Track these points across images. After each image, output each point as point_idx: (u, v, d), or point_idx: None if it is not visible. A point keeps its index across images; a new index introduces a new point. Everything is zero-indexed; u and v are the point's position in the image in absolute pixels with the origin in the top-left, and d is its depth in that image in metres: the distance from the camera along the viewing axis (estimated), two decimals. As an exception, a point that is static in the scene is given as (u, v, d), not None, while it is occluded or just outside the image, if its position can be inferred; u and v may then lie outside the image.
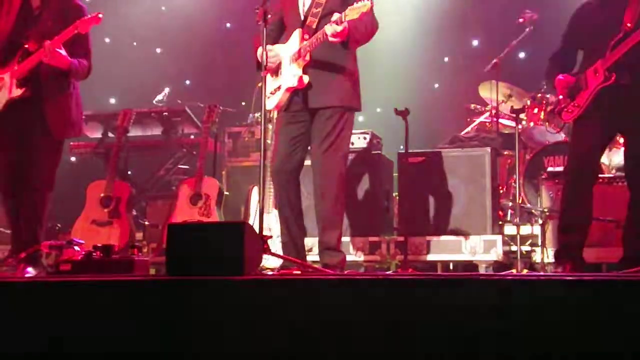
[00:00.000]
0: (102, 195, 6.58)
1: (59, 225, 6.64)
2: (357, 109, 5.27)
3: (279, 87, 5.16)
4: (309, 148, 5.26)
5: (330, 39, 4.84)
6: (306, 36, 5.07)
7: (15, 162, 5.35)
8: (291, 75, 5.09)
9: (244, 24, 9.38)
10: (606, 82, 4.96)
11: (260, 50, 4.93)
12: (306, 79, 5.04)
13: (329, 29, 4.81)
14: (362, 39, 5.06)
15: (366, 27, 5.00)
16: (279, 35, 5.38)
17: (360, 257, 6.77)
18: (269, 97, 5.18)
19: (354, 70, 5.21)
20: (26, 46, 5.35)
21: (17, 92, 5.32)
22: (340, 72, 5.12)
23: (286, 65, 5.15)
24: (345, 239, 6.39)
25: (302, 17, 5.16)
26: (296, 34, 5.13)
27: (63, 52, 5.27)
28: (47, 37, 5.25)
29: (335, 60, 5.09)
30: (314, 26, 5.07)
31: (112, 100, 10.39)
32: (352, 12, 4.70)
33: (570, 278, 2.97)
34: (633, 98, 4.99)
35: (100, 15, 5.34)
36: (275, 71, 5.23)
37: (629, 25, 4.90)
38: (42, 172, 5.36)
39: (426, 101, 9.39)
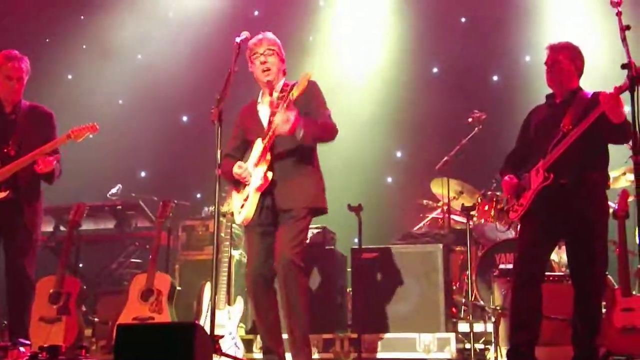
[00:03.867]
0: (51, 291, 6.48)
1: (5, 322, 6.48)
2: (323, 210, 5.34)
3: (246, 198, 5.18)
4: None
5: (279, 129, 4.91)
6: (264, 141, 5.13)
7: None
8: (256, 177, 5.12)
9: (200, 117, 9.46)
10: (545, 182, 5.13)
11: (235, 167, 5.15)
12: (270, 175, 5.07)
13: (276, 117, 4.92)
14: (317, 136, 5.17)
15: (321, 127, 5.12)
16: (244, 152, 5.44)
17: (314, 355, 6.70)
18: (239, 213, 5.22)
19: (316, 170, 5.30)
20: (5, 151, 5.77)
21: (0, 194, 5.73)
22: (303, 171, 5.21)
23: (251, 172, 5.19)
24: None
25: (265, 128, 5.24)
26: (257, 143, 5.20)
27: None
28: (25, 143, 5.78)
29: (297, 160, 5.18)
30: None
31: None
32: (297, 89, 4.84)
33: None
34: (572, 197, 5.13)
35: (97, 126, 5.89)
36: (243, 185, 5.27)
37: (567, 127, 5.10)
38: (22, 273, 5.83)
39: (379, 196, 9.47)
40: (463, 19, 10.21)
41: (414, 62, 10.02)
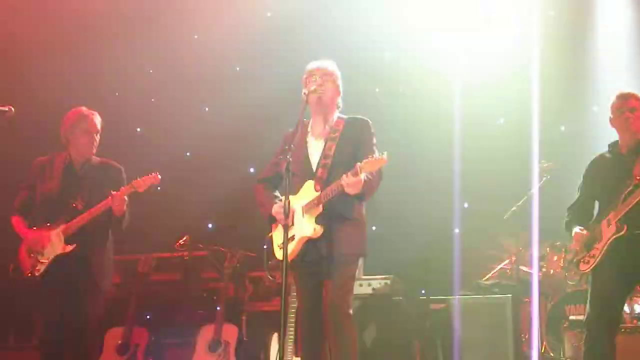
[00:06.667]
0: (119, 342, 6.54)
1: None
2: (364, 256, 5.36)
3: (292, 237, 5.13)
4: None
5: (346, 190, 4.87)
6: (317, 187, 5.09)
7: (62, 314, 5.75)
8: (305, 225, 5.09)
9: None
10: (618, 233, 5.08)
11: (276, 206, 5.15)
12: (320, 229, 5.05)
13: (345, 180, 4.85)
14: (374, 191, 5.14)
15: (377, 180, 5.08)
16: (281, 181, 5.29)
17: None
18: (281, 247, 5.18)
19: (363, 219, 5.26)
20: (74, 206, 5.84)
21: (68, 248, 5.76)
22: (352, 221, 5.15)
23: (299, 215, 5.14)
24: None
25: (313, 169, 5.22)
26: (309, 186, 5.15)
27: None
28: (94, 198, 5.82)
29: (346, 211, 5.12)
30: (324, 177, 5.11)
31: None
32: (368, 165, 4.78)
33: None
34: None
35: (159, 176, 5.89)
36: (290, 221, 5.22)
37: (638, 178, 5.04)
38: (91, 321, 5.83)
39: (447, 246, 9.38)
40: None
41: (480, 112, 9.97)
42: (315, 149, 5.30)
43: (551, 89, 9.43)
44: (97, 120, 6.09)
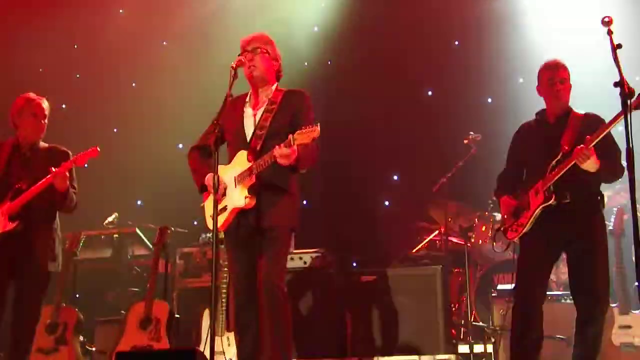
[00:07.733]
0: (48, 321, 6.44)
1: (1, 354, 6.45)
2: (297, 230, 5.33)
3: (224, 208, 5.11)
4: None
5: (279, 161, 4.85)
6: (250, 157, 5.05)
7: (5, 296, 5.78)
8: (237, 196, 5.05)
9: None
10: (546, 202, 5.15)
11: (208, 178, 5.05)
12: (252, 200, 5.01)
13: (278, 151, 4.82)
14: (309, 163, 5.10)
15: (312, 152, 5.04)
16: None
17: (313, 380, 6.67)
18: (211, 217, 5.13)
19: (296, 192, 5.24)
20: (18, 187, 5.81)
21: (9, 225, 5.73)
22: (284, 193, 5.13)
23: (231, 186, 5.11)
24: (296, 361, 6.30)
25: (248, 139, 5.18)
26: (242, 156, 5.11)
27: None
28: (38, 179, 5.75)
29: (279, 182, 5.10)
30: (258, 148, 5.09)
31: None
32: (301, 137, 4.74)
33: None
34: (574, 217, 5.16)
35: (98, 149, 5.89)
36: (221, 192, 5.16)
37: (566, 147, 5.12)
38: (30, 305, 5.82)
39: (377, 219, 9.46)
40: (456, 42, 10.23)
41: (409, 84, 10.03)
42: (250, 120, 5.26)
43: (477, 62, 9.58)
44: (45, 105, 6.09)
